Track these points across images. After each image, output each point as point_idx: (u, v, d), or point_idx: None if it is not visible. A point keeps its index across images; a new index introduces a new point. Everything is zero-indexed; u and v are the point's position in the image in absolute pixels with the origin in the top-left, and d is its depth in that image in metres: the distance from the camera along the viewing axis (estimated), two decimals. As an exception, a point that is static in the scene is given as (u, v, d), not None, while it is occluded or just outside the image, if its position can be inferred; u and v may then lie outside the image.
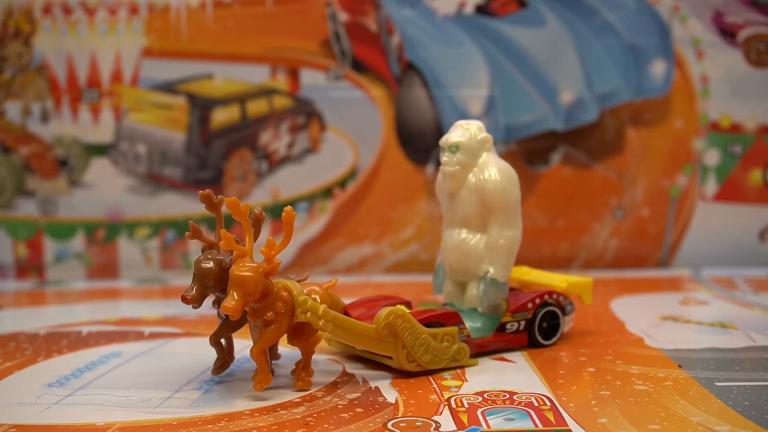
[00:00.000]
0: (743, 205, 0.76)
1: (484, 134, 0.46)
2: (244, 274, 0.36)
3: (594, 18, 0.72)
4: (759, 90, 0.74)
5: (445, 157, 0.47)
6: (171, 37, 0.72)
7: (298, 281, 0.41)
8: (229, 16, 0.72)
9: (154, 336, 0.55)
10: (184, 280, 0.59)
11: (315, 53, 0.74)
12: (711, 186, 0.75)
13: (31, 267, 0.74)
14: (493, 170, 0.46)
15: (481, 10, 0.73)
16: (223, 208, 0.42)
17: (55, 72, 0.71)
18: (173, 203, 0.74)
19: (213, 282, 0.38)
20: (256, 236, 0.39)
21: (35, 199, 0.72)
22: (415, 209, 0.74)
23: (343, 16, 0.73)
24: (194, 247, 0.77)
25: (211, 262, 0.38)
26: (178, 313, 0.61)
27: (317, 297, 0.40)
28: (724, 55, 0.73)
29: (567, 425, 0.34)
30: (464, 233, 0.48)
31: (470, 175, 0.46)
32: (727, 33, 0.73)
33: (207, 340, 0.44)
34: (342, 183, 0.75)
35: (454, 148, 0.46)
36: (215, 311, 0.43)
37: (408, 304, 0.46)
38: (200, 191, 0.40)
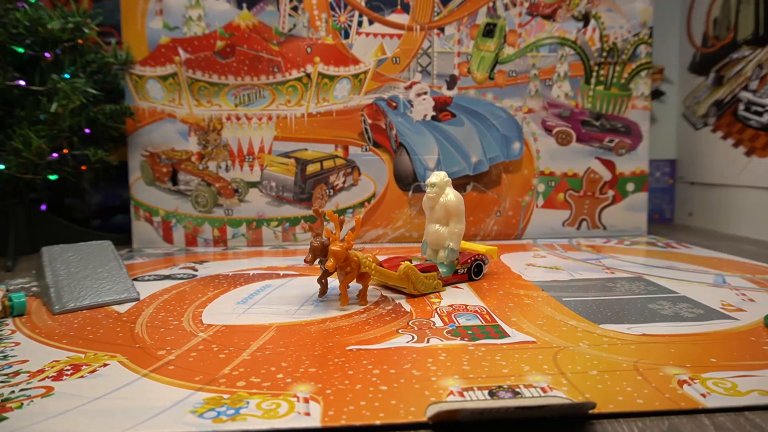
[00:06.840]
0: (554, 209, 1.07)
1: (447, 178, 0.59)
2: (336, 248, 0.45)
3: (486, 122, 1.04)
4: (564, 156, 1.06)
5: (428, 189, 0.58)
6: (287, 130, 1.00)
7: (361, 251, 0.49)
8: (315, 121, 1.00)
9: (285, 276, 0.65)
10: (293, 247, 0.83)
11: (356, 138, 1.01)
12: (540, 200, 1.07)
13: (220, 240, 1.00)
14: (451, 195, 0.58)
15: (434, 118, 1.02)
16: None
17: (232, 145, 0.99)
18: (288, 210, 1.01)
19: (320, 252, 0.46)
20: (340, 229, 0.49)
21: (222, 208, 0.99)
22: (402, 212, 1.01)
23: (369, 120, 1.01)
24: (299, 230, 0.99)
25: (319, 242, 0.46)
26: (295, 264, 0.76)
27: (369, 258, 0.50)
28: (547, 140, 1.06)
29: (497, 321, 0.41)
30: (437, 226, 0.59)
31: (440, 198, 0.58)
32: (547, 129, 1.06)
33: (315, 279, 0.53)
34: (368, 200, 1.02)
35: (432, 184, 0.59)
36: (314, 264, 0.48)
37: (410, 260, 0.56)
38: (313, 208, 0.63)
